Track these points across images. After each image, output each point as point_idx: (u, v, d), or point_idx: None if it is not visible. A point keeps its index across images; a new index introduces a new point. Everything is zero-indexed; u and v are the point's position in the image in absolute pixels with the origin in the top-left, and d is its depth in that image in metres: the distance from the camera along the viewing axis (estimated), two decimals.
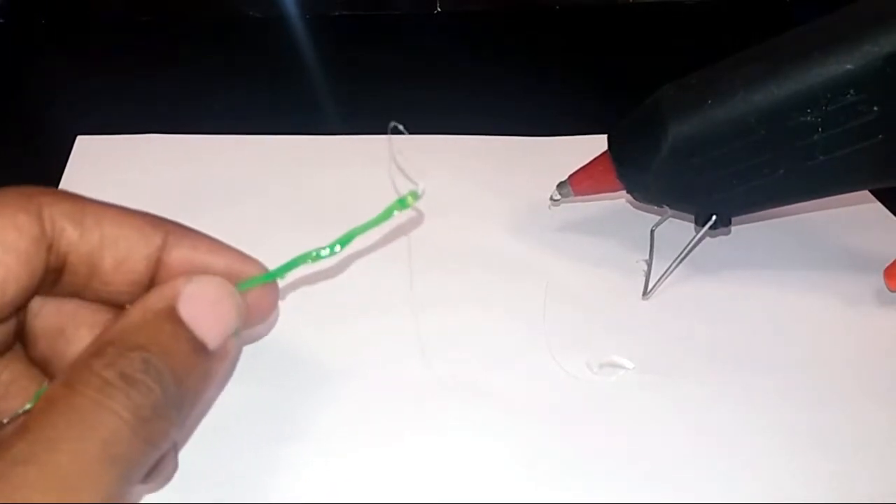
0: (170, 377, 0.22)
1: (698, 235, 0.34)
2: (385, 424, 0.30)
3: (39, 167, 0.41)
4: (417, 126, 0.44)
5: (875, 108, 0.30)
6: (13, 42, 0.50)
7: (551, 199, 0.38)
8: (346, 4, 0.52)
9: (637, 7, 0.51)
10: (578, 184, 0.36)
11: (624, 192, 0.35)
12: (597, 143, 0.35)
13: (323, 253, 0.25)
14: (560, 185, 0.37)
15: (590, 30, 0.50)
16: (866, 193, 0.41)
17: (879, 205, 0.40)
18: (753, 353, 0.32)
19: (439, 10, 0.51)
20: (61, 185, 0.40)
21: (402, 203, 0.26)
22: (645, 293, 0.34)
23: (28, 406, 0.23)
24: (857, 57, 0.29)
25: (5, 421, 0.22)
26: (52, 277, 0.23)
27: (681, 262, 0.35)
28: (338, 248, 0.25)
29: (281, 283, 0.26)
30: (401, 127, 0.26)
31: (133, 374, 0.21)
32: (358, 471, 0.28)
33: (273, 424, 0.29)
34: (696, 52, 0.34)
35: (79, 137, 0.42)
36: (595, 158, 0.36)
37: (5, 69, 0.48)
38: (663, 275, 0.34)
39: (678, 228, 0.36)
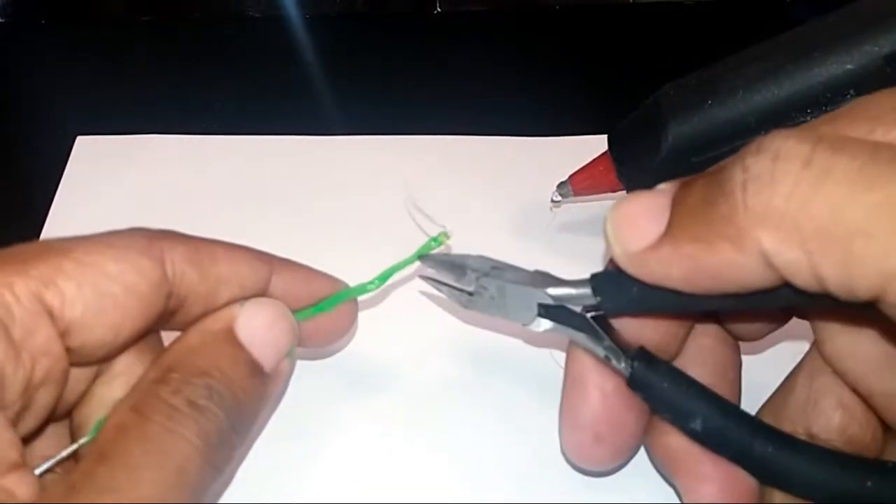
0: (231, 401, 0.22)
1: None
2: (384, 424, 0.30)
3: (39, 167, 0.41)
4: (417, 126, 0.44)
5: None
6: (13, 42, 0.50)
7: (552, 199, 0.38)
8: (346, 4, 0.52)
9: (637, 7, 0.51)
10: (578, 184, 0.36)
11: (624, 192, 0.35)
12: (597, 143, 0.35)
13: (369, 287, 0.28)
14: (560, 185, 0.37)
15: (590, 30, 0.50)
16: None
17: None
18: (752, 352, 0.32)
19: (439, 10, 0.51)
20: (61, 185, 0.40)
21: (436, 241, 0.29)
22: None
23: (86, 440, 0.22)
24: (857, 57, 0.29)
25: (63, 454, 0.22)
26: (167, 318, 0.23)
27: None
28: (378, 282, 0.28)
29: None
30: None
31: (198, 400, 0.21)
32: (357, 471, 0.28)
33: (272, 424, 0.29)
34: (696, 52, 0.34)
35: (79, 137, 0.42)
36: (595, 158, 0.36)
37: (5, 69, 0.48)
38: None
39: None
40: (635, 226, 0.22)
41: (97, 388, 0.23)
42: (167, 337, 0.25)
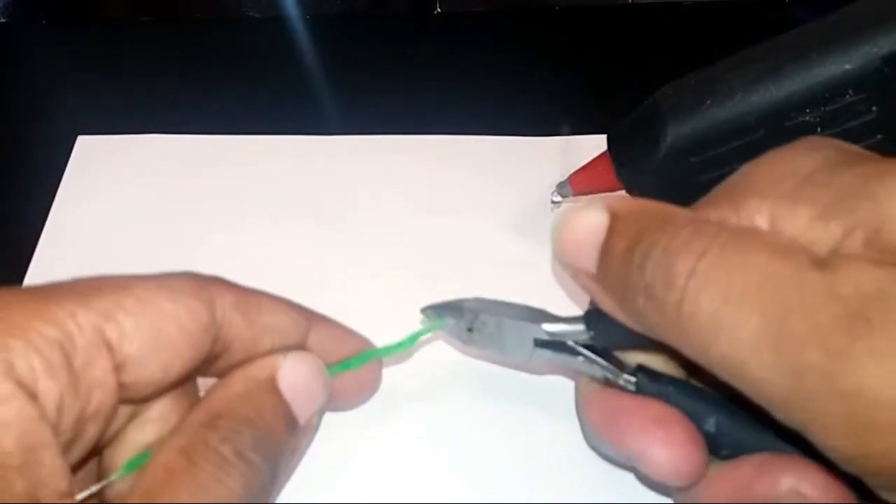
0: (272, 454, 0.23)
1: None
2: (382, 423, 0.30)
3: (39, 167, 0.41)
4: (417, 126, 0.44)
5: (874, 109, 0.30)
6: (13, 42, 0.50)
7: (552, 200, 0.38)
8: (346, 4, 0.52)
9: (637, 7, 0.51)
10: (578, 184, 0.36)
11: (624, 192, 0.35)
12: (597, 143, 0.35)
13: (394, 350, 0.28)
14: (560, 185, 0.37)
15: (590, 30, 0.50)
16: None
17: None
18: None
19: (439, 10, 0.51)
20: (62, 186, 0.40)
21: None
22: None
23: (116, 476, 0.23)
24: (856, 57, 0.29)
25: (94, 489, 0.23)
26: (209, 364, 0.24)
27: None
28: (406, 344, 0.29)
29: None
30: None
31: (246, 451, 0.22)
32: (353, 470, 0.28)
33: None
34: (696, 52, 0.34)
35: (79, 137, 0.42)
36: (595, 158, 0.36)
37: (5, 69, 0.48)
38: None
39: None
40: (575, 250, 0.24)
41: (130, 431, 0.24)
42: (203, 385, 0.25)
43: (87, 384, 0.20)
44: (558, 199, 0.37)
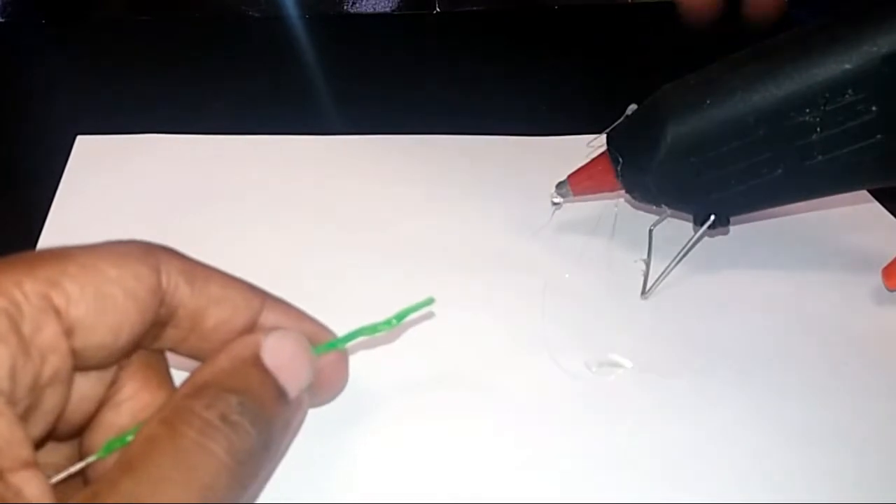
0: (262, 420, 0.22)
1: (697, 235, 0.34)
2: (381, 423, 0.30)
3: (39, 167, 0.41)
4: (417, 126, 0.44)
5: (873, 108, 0.30)
6: (13, 42, 0.50)
7: (552, 202, 0.38)
8: (345, 4, 0.52)
9: (637, 7, 0.51)
10: (577, 184, 0.36)
11: (623, 191, 0.35)
12: (596, 143, 0.35)
13: (381, 327, 0.27)
14: (559, 185, 0.37)
15: (590, 30, 0.50)
16: (865, 193, 0.41)
17: (878, 205, 0.40)
18: (751, 352, 0.32)
19: (438, 10, 0.51)
20: (61, 185, 0.40)
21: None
22: (644, 292, 0.34)
23: (94, 458, 0.23)
24: (855, 57, 0.29)
25: (72, 469, 0.23)
26: (156, 331, 0.24)
27: (679, 261, 0.35)
28: (394, 321, 0.28)
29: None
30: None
31: (231, 415, 0.22)
32: (353, 470, 0.28)
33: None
34: (696, 52, 0.35)
35: (79, 137, 0.42)
36: (594, 158, 0.36)
37: (5, 69, 0.48)
38: (662, 274, 0.34)
39: (677, 228, 0.36)
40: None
41: (105, 414, 0.24)
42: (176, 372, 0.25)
43: (38, 348, 0.20)
44: (558, 199, 0.37)
